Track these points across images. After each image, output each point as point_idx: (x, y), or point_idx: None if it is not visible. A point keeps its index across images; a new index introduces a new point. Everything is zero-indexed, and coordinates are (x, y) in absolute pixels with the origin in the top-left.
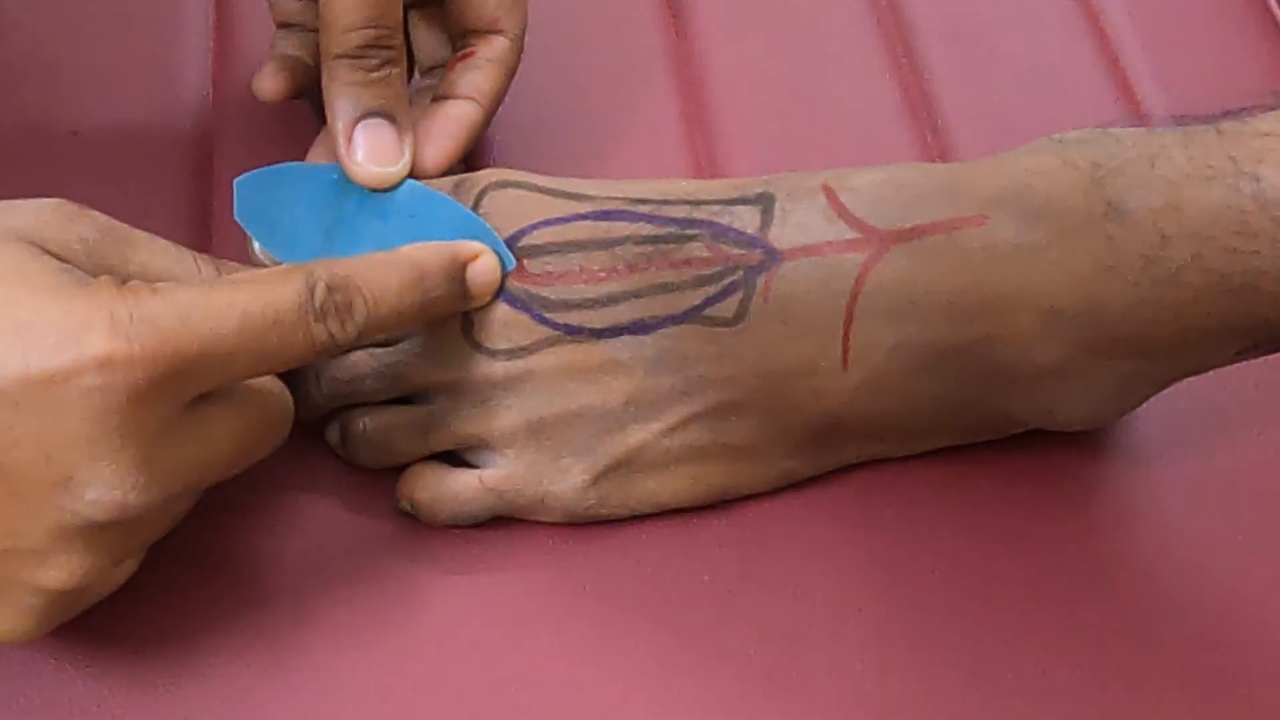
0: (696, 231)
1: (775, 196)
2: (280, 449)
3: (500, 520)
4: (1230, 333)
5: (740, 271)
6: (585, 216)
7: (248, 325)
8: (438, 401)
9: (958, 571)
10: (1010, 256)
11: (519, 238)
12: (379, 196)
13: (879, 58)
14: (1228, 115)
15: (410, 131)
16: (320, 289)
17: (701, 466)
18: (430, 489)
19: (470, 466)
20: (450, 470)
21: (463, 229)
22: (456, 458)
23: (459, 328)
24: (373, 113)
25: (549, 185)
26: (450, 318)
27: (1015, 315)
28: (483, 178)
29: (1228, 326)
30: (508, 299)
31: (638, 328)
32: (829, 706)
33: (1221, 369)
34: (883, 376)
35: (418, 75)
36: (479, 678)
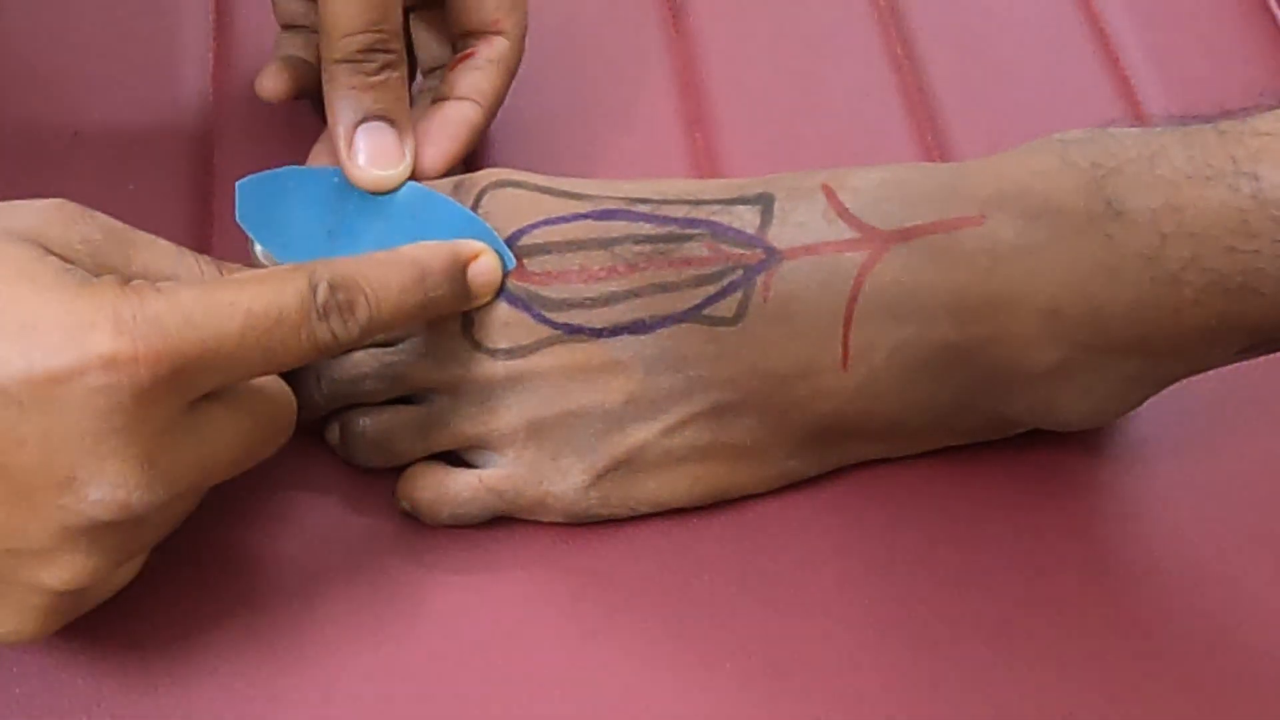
0: (696, 231)
1: (775, 196)
2: (280, 449)
3: (500, 520)
4: (1230, 332)
5: (740, 271)
6: (585, 216)
7: (251, 324)
8: (438, 401)
9: (958, 571)
10: (1010, 256)
11: (519, 237)
12: (380, 198)
13: (879, 58)
14: (1227, 115)
15: (411, 134)
16: (323, 288)
17: (702, 466)
18: (430, 489)
19: (470, 466)
20: (450, 470)
21: (463, 229)
22: (456, 458)
23: (459, 327)
24: (373, 116)
25: (548, 185)
26: (450, 317)
27: (1015, 315)
28: (482, 177)
29: (1228, 326)
30: (508, 298)
31: (637, 327)
32: (829, 706)
33: (1221, 369)
34: (882, 376)
35: (420, 77)
36: (479, 677)
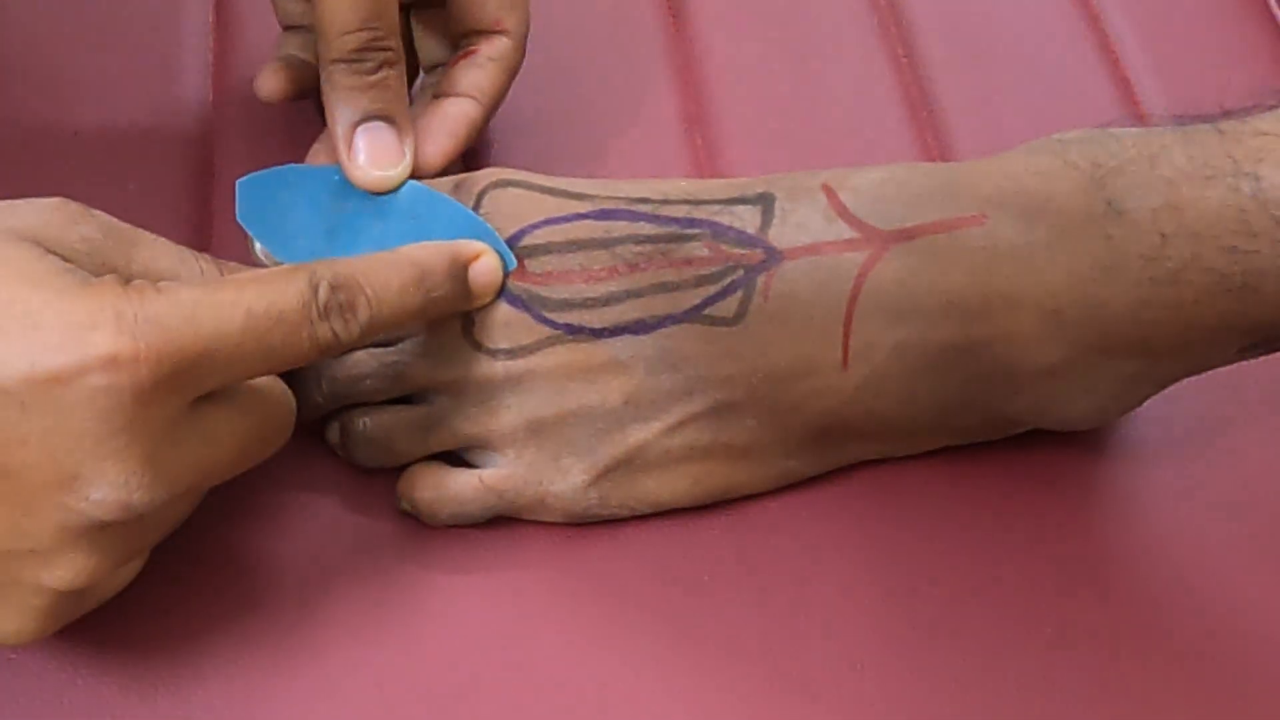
0: (697, 231)
1: (775, 196)
2: (280, 449)
3: (500, 520)
4: (1230, 332)
5: (740, 271)
6: (585, 216)
7: (252, 324)
8: (438, 401)
9: (958, 571)
10: (1010, 256)
11: (520, 237)
12: (380, 197)
13: (879, 58)
14: (1228, 115)
15: (411, 133)
16: (324, 288)
17: (701, 466)
18: (430, 489)
19: (470, 466)
20: (450, 470)
21: (464, 229)
22: (457, 458)
23: (459, 327)
24: (372, 116)
25: (549, 185)
26: (450, 317)
27: (1015, 315)
28: (483, 177)
29: (1228, 326)
30: (508, 299)
31: (638, 327)
32: (829, 705)
33: (1221, 369)
34: (883, 376)
35: (422, 75)
36: (479, 677)
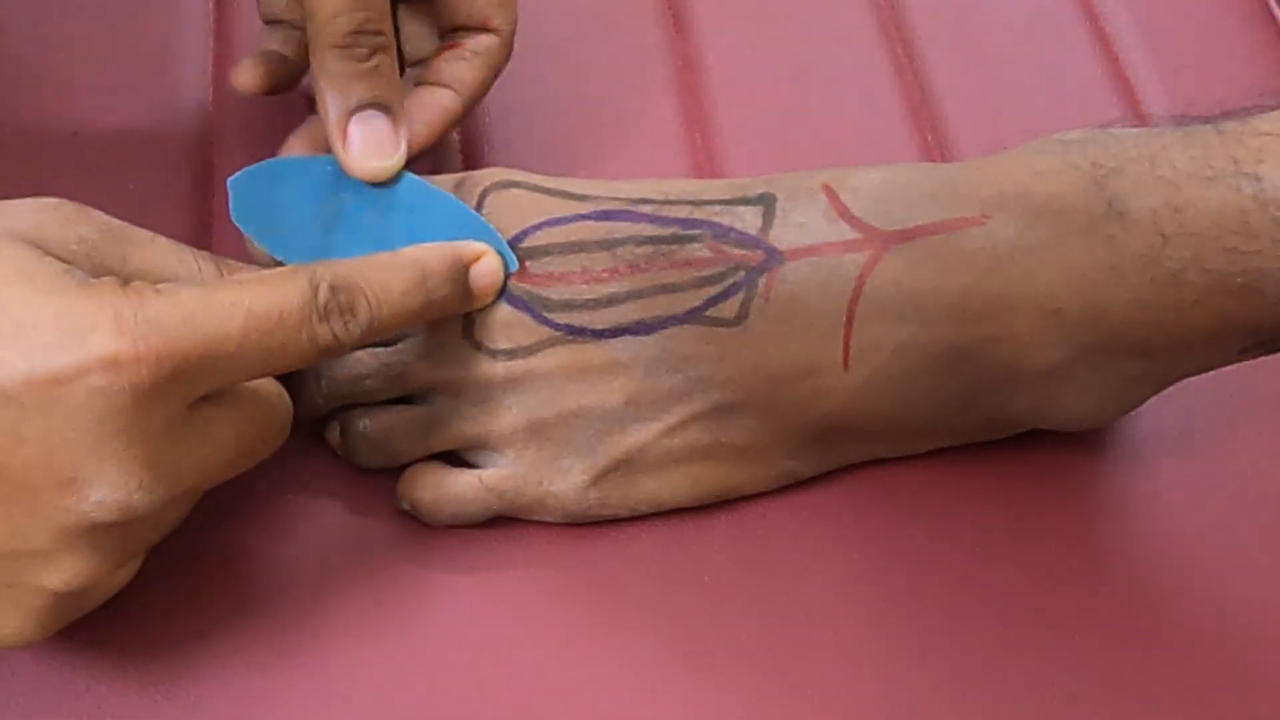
0: (698, 232)
1: (776, 196)
2: (280, 449)
3: (501, 520)
4: (1231, 333)
5: (742, 272)
6: (587, 217)
7: (252, 325)
8: (438, 402)
9: (958, 571)
10: (1011, 257)
11: (521, 238)
12: (377, 191)
13: (879, 58)
14: (1228, 115)
15: (405, 122)
16: (324, 289)
17: (702, 467)
18: (431, 489)
19: (471, 466)
20: (450, 470)
21: (465, 228)
22: (457, 458)
23: (460, 328)
24: (366, 104)
25: (550, 185)
26: (451, 318)
27: (1016, 316)
28: (484, 177)
29: (1229, 327)
30: (509, 299)
31: (639, 328)
32: (829, 706)
33: (1221, 369)
34: (883, 377)
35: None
36: (479, 677)
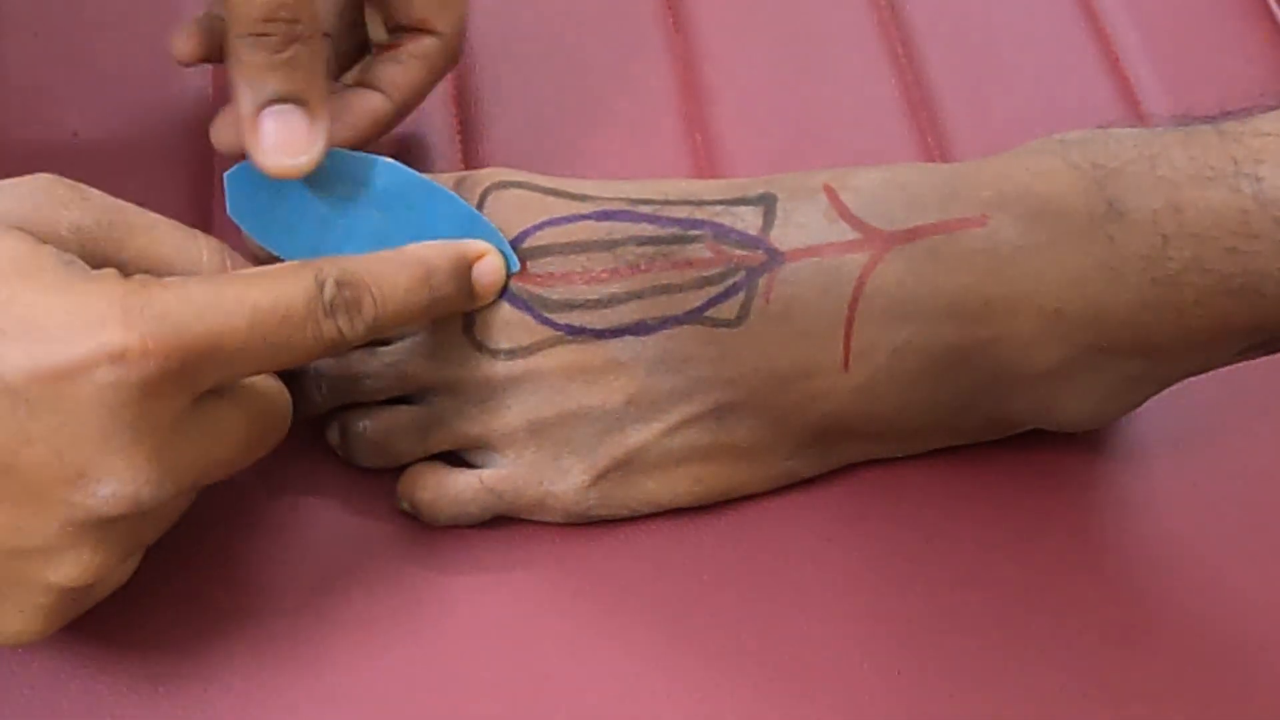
0: (698, 232)
1: (777, 197)
2: (280, 449)
3: (501, 520)
4: (1231, 333)
5: (742, 273)
6: (587, 217)
7: (258, 320)
8: (438, 401)
9: (957, 571)
10: (1011, 257)
11: (522, 239)
12: (375, 186)
13: (879, 58)
14: (1228, 115)
15: (325, 117)
16: (330, 285)
17: (702, 467)
18: (431, 489)
19: (471, 466)
20: (450, 470)
21: (466, 227)
22: (457, 458)
23: (460, 327)
24: (280, 98)
25: (551, 185)
26: (452, 317)
27: (1016, 316)
28: (485, 177)
29: (1229, 327)
30: (509, 299)
31: (639, 329)
32: (829, 706)
33: (1221, 369)
34: (884, 377)
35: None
36: (479, 677)
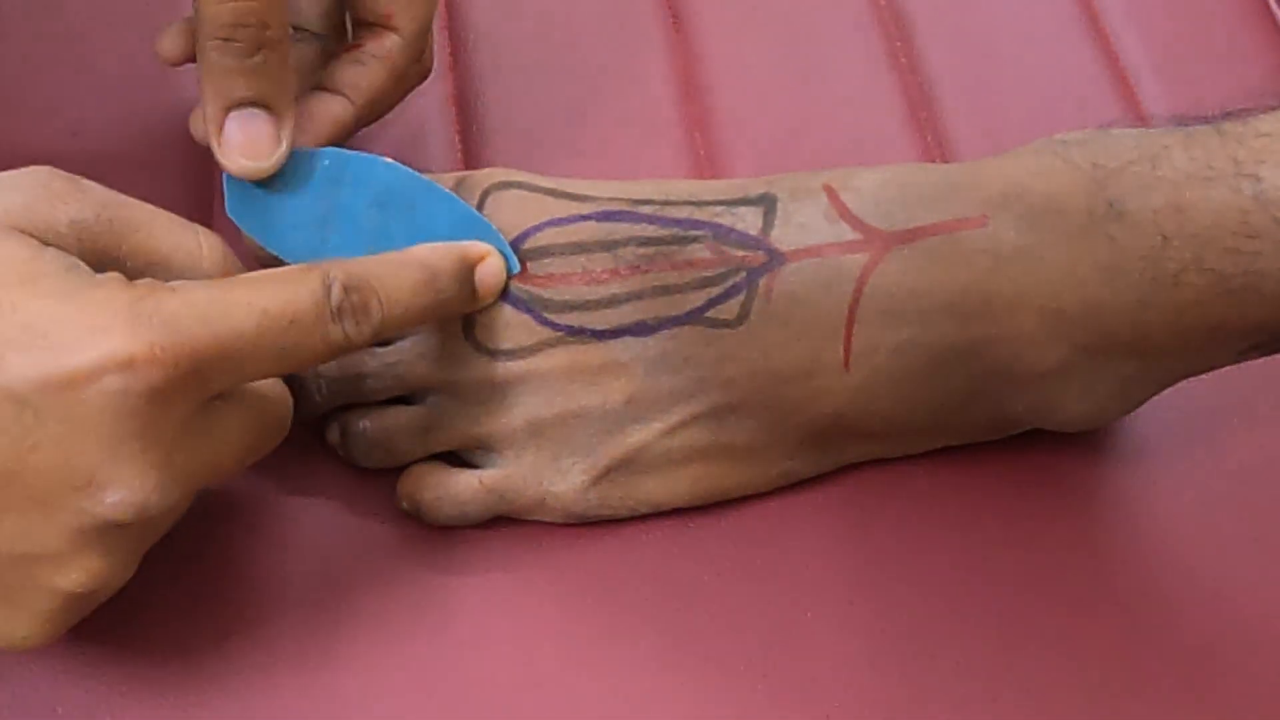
0: (699, 233)
1: (777, 197)
2: (280, 449)
3: (501, 520)
4: (1231, 333)
5: (743, 273)
6: (588, 218)
7: (265, 325)
8: (438, 402)
9: (957, 571)
10: (1011, 257)
11: (523, 240)
12: (375, 186)
13: (879, 58)
14: (1229, 116)
15: (290, 120)
16: (336, 289)
17: (702, 467)
18: (430, 489)
19: (471, 466)
20: (450, 470)
21: (467, 228)
22: (457, 457)
23: (460, 328)
24: (247, 102)
25: (551, 186)
26: (452, 318)
27: (1016, 316)
28: (485, 178)
29: (1229, 327)
30: (510, 300)
31: (639, 329)
32: (829, 706)
33: (1221, 369)
34: (884, 377)
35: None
36: (479, 677)
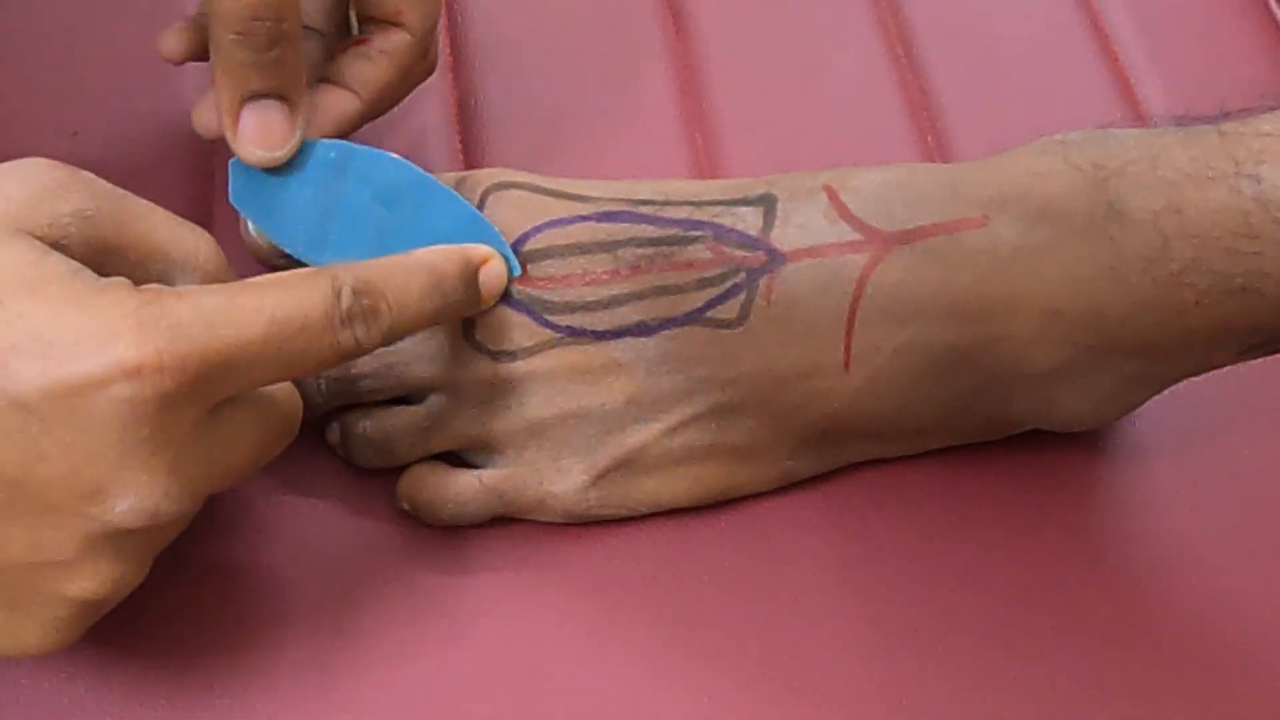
0: (699, 233)
1: (777, 197)
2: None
3: (501, 520)
4: (1232, 334)
5: (743, 274)
6: (588, 218)
7: (275, 330)
8: (438, 402)
9: (958, 571)
10: (1011, 258)
11: (523, 241)
12: (379, 181)
13: (879, 58)
14: (1229, 116)
15: (303, 111)
16: (346, 293)
17: (702, 467)
18: (430, 489)
19: (471, 467)
20: (450, 471)
21: (469, 228)
22: (457, 457)
23: (461, 329)
24: (262, 94)
25: (551, 186)
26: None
27: (1016, 317)
28: (485, 178)
29: (1229, 328)
30: (510, 301)
31: (640, 330)
32: (829, 706)
33: (1221, 369)
34: (884, 378)
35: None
36: (478, 677)
